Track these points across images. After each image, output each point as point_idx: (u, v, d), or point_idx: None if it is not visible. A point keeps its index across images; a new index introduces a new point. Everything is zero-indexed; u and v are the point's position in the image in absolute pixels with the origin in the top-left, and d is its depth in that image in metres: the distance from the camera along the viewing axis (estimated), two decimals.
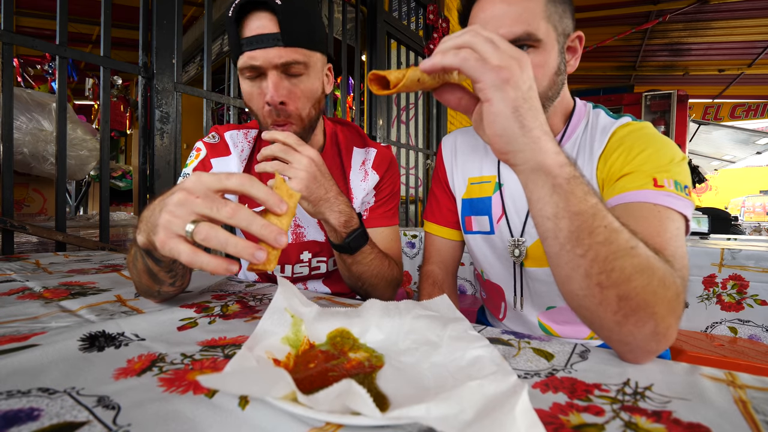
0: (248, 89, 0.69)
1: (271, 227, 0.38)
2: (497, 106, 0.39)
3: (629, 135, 0.61)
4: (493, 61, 0.38)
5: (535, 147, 0.40)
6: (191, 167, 0.78)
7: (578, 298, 0.41)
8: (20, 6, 3.30)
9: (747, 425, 0.26)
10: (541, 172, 0.40)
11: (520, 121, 0.39)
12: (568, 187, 0.39)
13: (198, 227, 0.37)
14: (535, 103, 0.40)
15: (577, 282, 0.40)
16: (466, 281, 1.72)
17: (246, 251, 0.37)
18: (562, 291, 0.43)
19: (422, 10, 3.02)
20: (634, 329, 0.39)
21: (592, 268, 0.39)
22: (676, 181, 0.54)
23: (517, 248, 0.73)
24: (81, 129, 2.43)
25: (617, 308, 0.39)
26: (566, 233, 0.39)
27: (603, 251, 0.38)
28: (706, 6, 3.98)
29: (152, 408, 0.28)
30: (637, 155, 0.57)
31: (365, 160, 0.87)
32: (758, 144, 8.37)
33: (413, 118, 3.05)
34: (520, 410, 0.24)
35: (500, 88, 0.38)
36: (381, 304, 0.46)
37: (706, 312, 1.27)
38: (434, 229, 0.87)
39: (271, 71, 0.66)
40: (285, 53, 0.65)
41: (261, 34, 0.64)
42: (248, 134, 0.84)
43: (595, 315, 0.40)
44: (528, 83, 0.40)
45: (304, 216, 0.85)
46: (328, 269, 0.90)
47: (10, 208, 1.11)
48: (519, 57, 0.39)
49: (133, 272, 0.54)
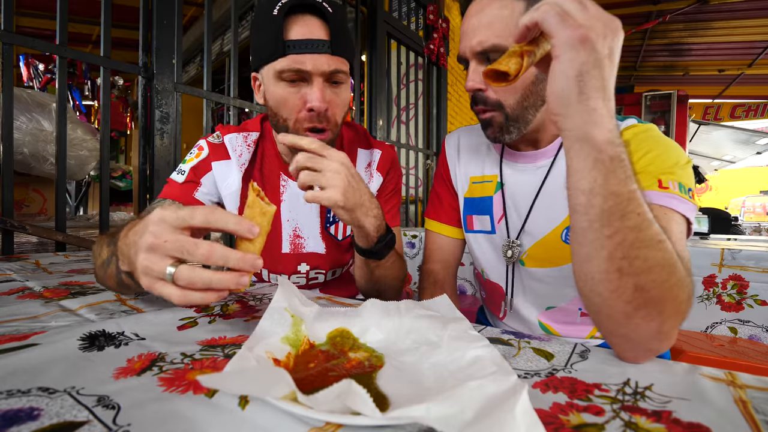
0: (283, 93, 0.66)
1: (246, 257, 0.38)
2: (564, 65, 0.37)
3: (635, 137, 0.60)
4: (577, 18, 0.36)
5: (587, 117, 0.38)
6: (190, 165, 0.77)
7: (593, 282, 0.40)
8: (20, 6, 3.30)
9: (747, 425, 0.26)
10: (586, 144, 0.38)
11: (581, 86, 0.37)
12: (611, 165, 0.38)
13: (178, 272, 0.37)
14: (606, 72, 0.38)
15: (597, 263, 0.39)
16: (466, 281, 1.72)
17: (231, 283, 0.38)
18: (578, 273, 0.42)
19: (422, 10, 3.02)
20: (641, 323, 0.38)
21: (616, 251, 0.38)
22: (680, 184, 0.54)
23: (510, 249, 0.72)
24: (81, 129, 2.44)
25: (630, 298, 0.38)
26: (598, 211, 0.38)
27: (630, 237, 0.38)
28: (706, 6, 3.98)
29: (152, 408, 0.28)
30: (642, 157, 0.57)
31: (370, 162, 0.85)
32: (758, 144, 8.36)
33: (413, 118, 3.05)
34: (520, 410, 0.24)
35: (574, 47, 0.36)
36: (381, 304, 0.46)
37: (706, 312, 1.27)
38: (436, 227, 0.87)
39: (317, 78, 0.65)
40: (333, 62, 0.64)
41: (312, 39, 0.63)
42: (248, 138, 0.80)
43: (606, 303, 0.40)
44: (607, 51, 0.37)
45: (304, 227, 0.83)
46: (326, 280, 0.88)
47: (10, 208, 1.11)
48: (607, 20, 0.37)
49: (101, 270, 0.54)
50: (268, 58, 0.65)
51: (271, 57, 0.65)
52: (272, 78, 0.66)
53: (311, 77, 0.65)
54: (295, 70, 0.64)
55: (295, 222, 0.82)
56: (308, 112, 0.66)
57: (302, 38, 0.63)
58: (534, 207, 0.70)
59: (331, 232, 0.84)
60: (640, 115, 5.64)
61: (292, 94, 0.66)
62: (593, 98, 0.37)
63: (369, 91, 2.50)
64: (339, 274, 0.90)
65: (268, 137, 0.82)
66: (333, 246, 0.85)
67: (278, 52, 0.63)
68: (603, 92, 0.38)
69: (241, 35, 3.55)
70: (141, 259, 0.39)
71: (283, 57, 0.63)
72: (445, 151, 0.87)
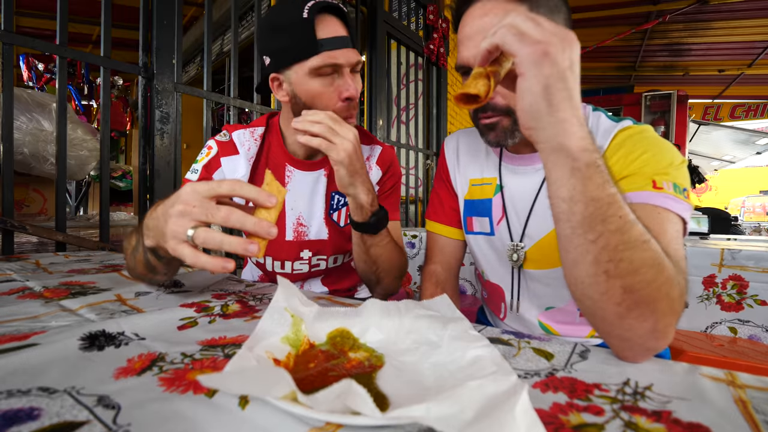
0: (319, 87, 0.72)
1: (262, 223, 0.44)
2: (529, 81, 0.39)
3: (629, 138, 0.61)
4: (534, 36, 0.38)
5: (559, 128, 0.39)
6: (201, 164, 0.82)
7: (583, 286, 0.41)
8: (20, 6, 3.30)
9: (747, 425, 0.26)
10: (561, 153, 0.40)
11: (549, 99, 0.39)
12: (588, 171, 0.39)
13: (197, 232, 0.43)
14: (570, 83, 0.39)
15: (584, 268, 0.40)
16: (467, 281, 1.72)
17: (240, 247, 0.43)
18: (568, 278, 0.43)
19: (422, 10, 3.02)
20: (635, 324, 0.39)
21: (601, 255, 0.39)
22: (675, 184, 0.54)
23: (516, 253, 0.73)
24: (81, 129, 2.44)
25: (620, 300, 0.39)
26: (579, 217, 0.39)
27: (614, 240, 0.38)
28: (706, 6, 3.98)
29: (152, 408, 0.28)
30: (636, 158, 0.58)
31: (370, 156, 0.90)
32: (758, 144, 8.36)
33: (413, 118, 3.05)
34: (520, 410, 0.24)
35: (537, 63, 0.38)
36: (381, 304, 0.46)
37: (706, 312, 1.27)
38: (437, 228, 0.87)
39: (346, 69, 0.72)
40: (356, 54, 0.73)
41: (339, 36, 0.70)
42: (254, 132, 0.85)
43: (598, 305, 0.40)
44: (568, 63, 0.39)
45: (307, 215, 0.87)
46: (328, 267, 0.91)
47: (11, 208, 1.11)
48: (563, 35, 0.39)
49: (131, 260, 0.61)
50: (299, 57, 0.70)
51: (302, 56, 0.70)
52: (305, 75, 0.71)
53: (342, 70, 0.72)
54: (331, 65, 0.70)
55: (298, 211, 0.87)
56: (344, 102, 0.73)
57: (332, 36, 0.69)
58: (533, 209, 0.70)
59: (334, 218, 0.88)
60: (640, 115, 5.63)
61: (327, 87, 0.72)
62: (562, 109, 0.39)
63: (369, 91, 2.50)
64: (341, 262, 0.94)
65: (274, 131, 0.87)
66: (335, 232, 0.89)
67: (310, 50, 0.69)
68: (570, 102, 0.39)
69: (241, 35, 3.55)
70: (170, 224, 0.44)
71: (317, 54, 0.69)
72: (445, 154, 0.88)
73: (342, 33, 0.71)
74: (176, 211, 0.44)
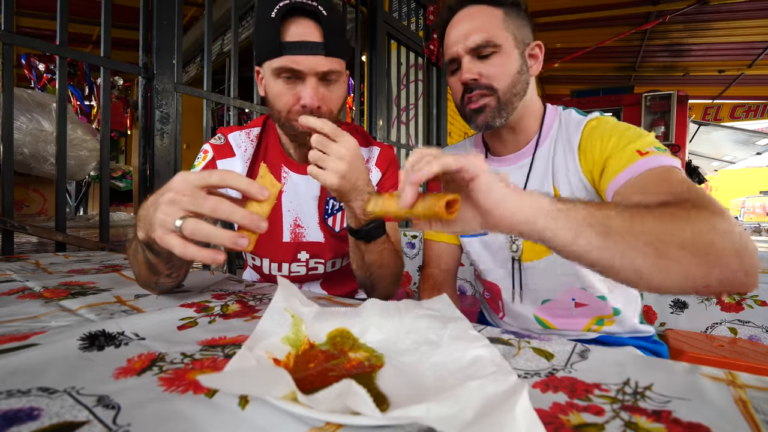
0: (279, 89, 0.70)
1: (252, 216, 0.42)
2: (487, 177, 0.42)
3: (598, 126, 0.68)
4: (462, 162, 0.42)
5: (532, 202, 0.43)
6: (198, 168, 0.80)
7: (647, 276, 0.42)
8: (20, 6, 3.30)
9: (747, 425, 0.26)
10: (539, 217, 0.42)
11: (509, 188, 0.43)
12: (574, 211, 0.42)
13: (185, 223, 0.41)
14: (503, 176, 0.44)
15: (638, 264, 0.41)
16: (466, 281, 1.72)
17: (229, 240, 0.41)
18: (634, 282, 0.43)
19: (422, 10, 3.02)
20: (706, 276, 0.40)
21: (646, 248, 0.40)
22: (656, 147, 0.59)
23: (515, 243, 0.76)
24: (81, 129, 2.44)
25: (684, 260, 0.40)
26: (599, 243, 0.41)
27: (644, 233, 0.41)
28: (706, 7, 3.98)
29: (152, 408, 0.28)
30: (610, 140, 0.64)
31: (369, 159, 0.89)
32: (758, 145, 8.36)
33: (413, 118, 3.05)
34: (520, 410, 0.24)
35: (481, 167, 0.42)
36: (381, 304, 0.46)
37: (706, 312, 1.27)
38: (433, 235, 0.90)
39: (310, 77, 0.68)
40: (326, 62, 0.68)
41: (306, 41, 0.67)
42: (250, 133, 0.85)
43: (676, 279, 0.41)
44: None
45: (304, 217, 0.86)
46: (326, 271, 0.90)
47: (10, 209, 1.11)
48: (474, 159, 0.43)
49: (134, 264, 0.59)
50: (267, 55, 0.69)
51: (269, 55, 0.69)
52: (270, 74, 0.70)
53: (305, 76, 0.69)
54: (290, 69, 0.68)
55: (295, 212, 0.86)
56: (302, 108, 0.70)
57: (297, 40, 0.66)
58: None
59: (329, 223, 0.87)
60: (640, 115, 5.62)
61: (287, 91, 0.70)
62: (520, 191, 0.43)
63: (369, 92, 2.50)
64: (339, 266, 0.93)
65: (271, 132, 0.87)
66: (331, 236, 0.88)
67: (275, 51, 0.67)
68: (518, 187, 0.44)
69: (241, 35, 3.55)
70: (159, 213, 0.43)
71: (279, 56, 0.67)
72: None
73: (312, 38, 0.67)
74: (166, 200, 0.43)
